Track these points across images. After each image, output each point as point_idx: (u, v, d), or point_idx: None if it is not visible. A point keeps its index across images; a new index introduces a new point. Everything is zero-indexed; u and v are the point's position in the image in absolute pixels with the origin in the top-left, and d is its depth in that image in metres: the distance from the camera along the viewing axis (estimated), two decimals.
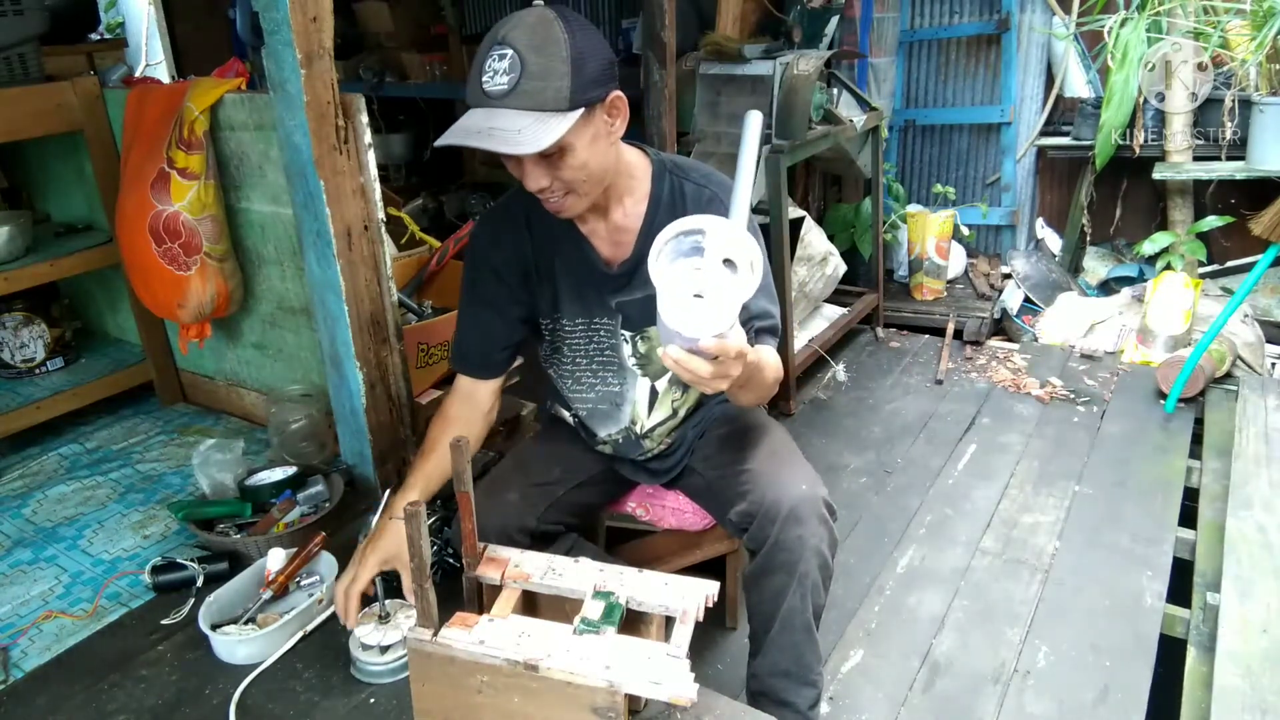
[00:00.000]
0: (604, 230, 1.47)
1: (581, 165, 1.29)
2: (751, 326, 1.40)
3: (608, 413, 1.60)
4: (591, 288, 1.50)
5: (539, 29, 1.21)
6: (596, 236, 1.48)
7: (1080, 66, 3.72)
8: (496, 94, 1.20)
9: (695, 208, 1.41)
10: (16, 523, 2.30)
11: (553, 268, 1.51)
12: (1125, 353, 3.17)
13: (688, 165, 1.48)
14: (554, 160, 1.27)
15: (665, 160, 1.48)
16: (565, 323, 1.54)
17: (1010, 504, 2.32)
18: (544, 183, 1.29)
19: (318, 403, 2.44)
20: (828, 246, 3.12)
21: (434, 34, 4.86)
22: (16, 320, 2.77)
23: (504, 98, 1.20)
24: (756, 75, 2.80)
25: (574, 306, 1.52)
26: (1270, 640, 1.71)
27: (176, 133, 2.28)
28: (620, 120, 1.34)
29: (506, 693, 1.09)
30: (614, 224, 1.46)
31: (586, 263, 1.48)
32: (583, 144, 1.27)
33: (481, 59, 1.22)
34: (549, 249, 1.50)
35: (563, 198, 1.33)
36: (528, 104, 1.20)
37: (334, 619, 1.87)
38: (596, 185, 1.35)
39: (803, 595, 1.39)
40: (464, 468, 1.17)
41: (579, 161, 1.28)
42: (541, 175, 1.28)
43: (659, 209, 1.43)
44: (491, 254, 1.53)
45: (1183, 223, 3.52)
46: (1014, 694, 1.70)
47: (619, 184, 1.42)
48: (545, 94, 1.20)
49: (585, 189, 1.33)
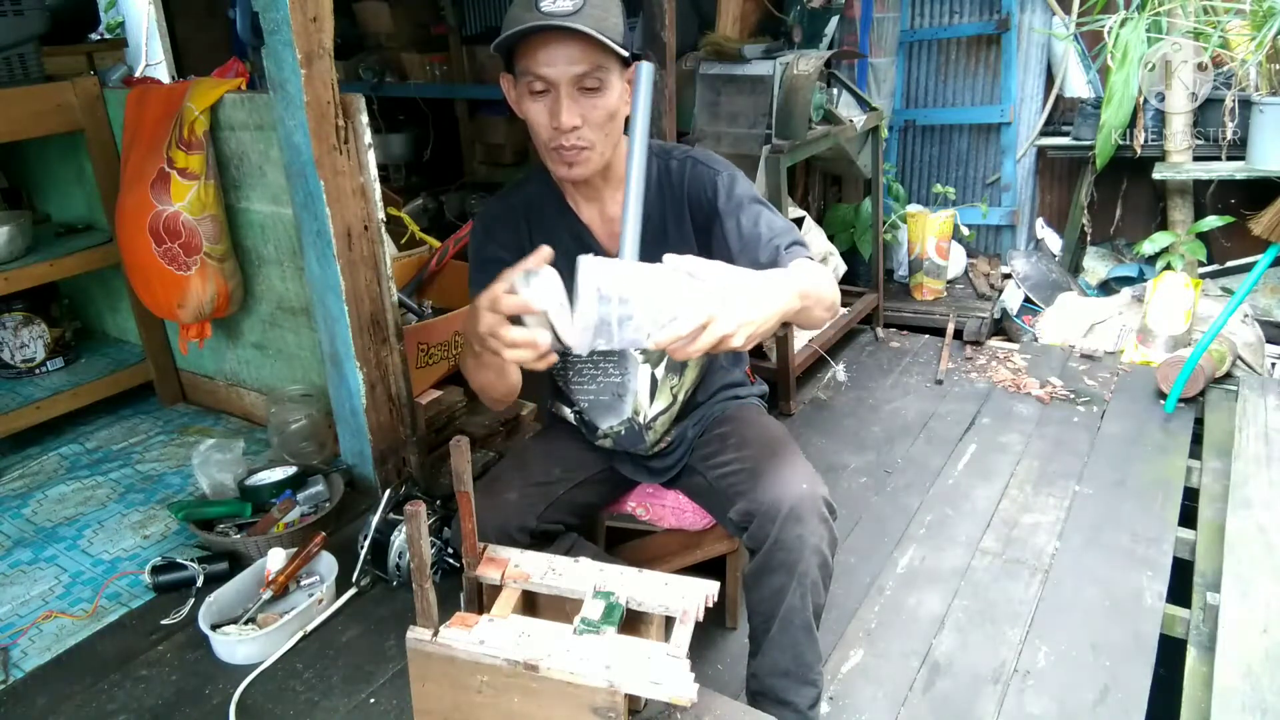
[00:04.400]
0: (599, 220, 1.50)
1: (611, 112, 1.34)
2: (774, 245, 1.37)
3: (610, 404, 1.60)
4: None
5: None
6: (594, 226, 1.51)
7: (1080, 66, 3.72)
8: (561, 12, 1.25)
9: (679, 185, 1.46)
10: (16, 523, 2.30)
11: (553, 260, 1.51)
12: (1125, 353, 3.17)
13: (670, 145, 1.52)
14: (592, 98, 1.31)
15: (652, 144, 1.50)
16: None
17: (1010, 504, 2.32)
18: (576, 120, 1.32)
19: (318, 403, 2.44)
20: (828, 246, 3.12)
21: (434, 34, 4.86)
22: (16, 320, 2.77)
23: (569, 16, 1.25)
24: (756, 75, 2.80)
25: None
26: (1270, 640, 1.71)
27: (176, 133, 2.28)
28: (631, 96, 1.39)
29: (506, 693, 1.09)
30: (609, 214, 1.49)
31: (586, 252, 1.48)
32: (616, 91, 1.33)
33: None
34: (547, 241, 1.50)
35: (582, 149, 1.36)
36: (592, 24, 1.26)
37: (334, 619, 1.87)
38: (611, 143, 1.39)
39: (802, 594, 1.39)
40: (464, 468, 1.16)
41: (611, 105, 1.33)
42: (575, 113, 1.32)
43: (649, 190, 1.45)
44: (493, 242, 1.54)
45: (1183, 223, 3.52)
46: (1014, 694, 1.70)
47: (616, 169, 1.45)
48: (607, 21, 1.28)
49: (603, 145, 1.37)
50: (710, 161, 1.47)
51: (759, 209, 1.43)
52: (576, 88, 1.30)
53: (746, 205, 1.43)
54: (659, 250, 1.40)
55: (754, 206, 1.43)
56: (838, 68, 3.22)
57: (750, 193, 1.45)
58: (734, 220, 1.42)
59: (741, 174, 1.48)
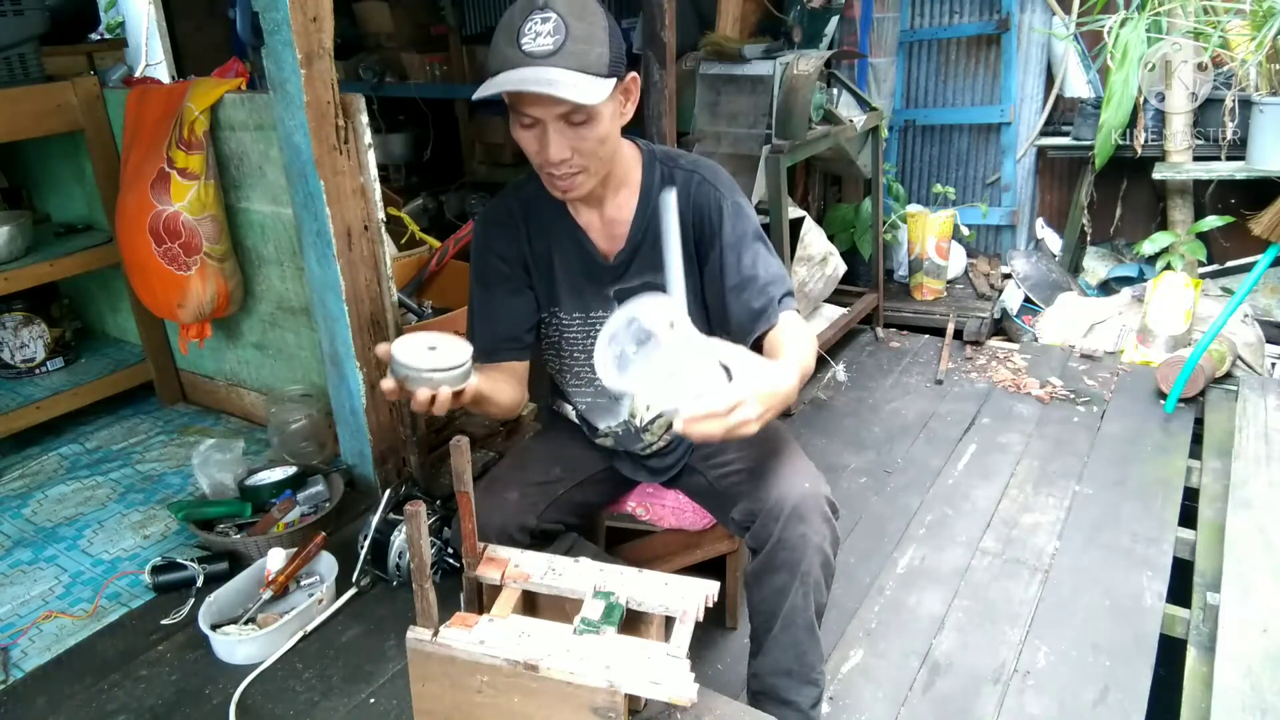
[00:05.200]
0: (599, 223, 1.49)
1: (603, 138, 1.31)
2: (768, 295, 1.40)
3: (606, 407, 1.61)
4: (589, 281, 1.50)
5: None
6: (593, 229, 1.49)
7: (1080, 66, 3.72)
8: (541, 54, 1.23)
9: (685, 196, 1.43)
10: (17, 523, 2.30)
11: (550, 263, 1.51)
12: (1125, 353, 3.17)
13: (675, 153, 1.51)
14: (580, 129, 1.29)
15: (655, 150, 1.49)
16: (563, 317, 1.54)
17: (1010, 504, 2.32)
18: (565, 153, 1.30)
19: (318, 403, 2.44)
20: (828, 246, 3.11)
21: (434, 34, 4.86)
22: (16, 320, 2.77)
23: (549, 57, 1.22)
24: (756, 75, 2.80)
25: (571, 302, 1.52)
26: (1270, 640, 1.71)
27: (176, 133, 2.28)
28: (631, 103, 1.37)
29: (506, 693, 1.09)
30: (608, 217, 1.48)
31: (584, 256, 1.49)
32: (608, 115, 1.30)
33: (518, 23, 1.24)
34: (545, 244, 1.51)
35: (574, 175, 1.34)
36: (573, 64, 1.23)
37: (334, 619, 1.88)
38: (605, 165, 1.37)
39: (805, 594, 1.39)
40: (464, 467, 1.16)
41: (602, 132, 1.30)
42: (564, 145, 1.30)
43: (650, 198, 1.45)
44: (492, 246, 1.54)
45: (1183, 223, 3.52)
46: (1014, 694, 1.70)
47: (617, 173, 1.44)
48: (589, 56, 1.24)
49: (596, 167, 1.35)
50: (716, 181, 1.45)
51: (758, 248, 1.43)
52: (564, 121, 1.28)
53: (749, 242, 1.43)
54: (655, 260, 1.40)
55: (755, 245, 1.43)
56: (838, 68, 3.22)
57: (753, 227, 1.45)
58: (735, 255, 1.42)
59: (744, 199, 1.47)
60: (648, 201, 1.45)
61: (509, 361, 1.54)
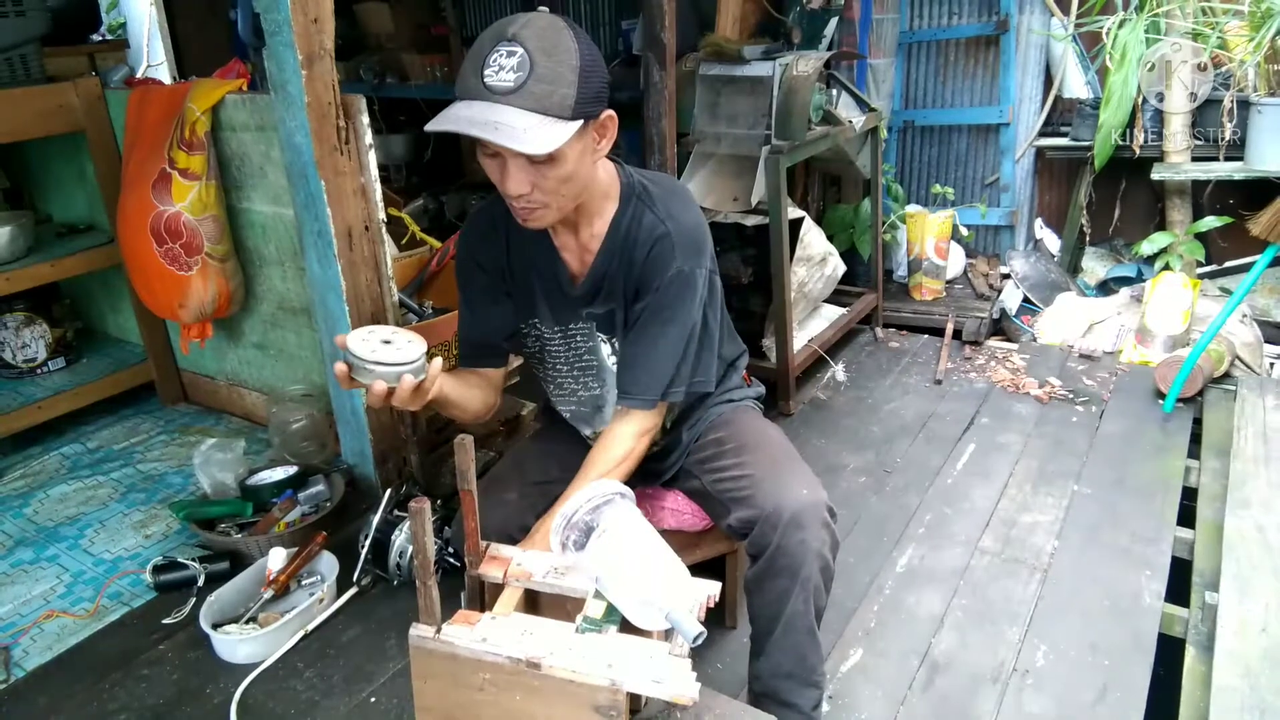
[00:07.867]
0: (574, 244, 1.47)
1: (566, 177, 1.28)
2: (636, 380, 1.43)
3: (590, 415, 1.62)
4: (563, 297, 1.51)
5: (549, 34, 1.20)
6: (567, 250, 1.48)
7: (1079, 67, 3.73)
8: (501, 90, 1.18)
9: (644, 247, 1.40)
10: (18, 522, 2.31)
11: (528, 275, 1.51)
12: (1124, 353, 3.18)
13: (655, 193, 1.44)
14: (541, 167, 1.25)
15: (635, 183, 1.45)
16: (544, 329, 1.55)
17: (1009, 503, 2.32)
18: (525, 189, 1.27)
19: (318, 402, 2.45)
20: (827, 247, 3.12)
21: (434, 34, 4.87)
22: (18, 320, 2.78)
23: (508, 95, 1.18)
24: (756, 76, 2.81)
25: (550, 315, 1.53)
26: (1269, 640, 1.71)
27: (178, 133, 2.28)
28: (607, 141, 1.33)
29: (508, 690, 1.09)
30: (582, 242, 1.46)
31: (555, 276, 1.49)
32: (573, 155, 1.26)
33: (484, 53, 1.20)
34: (524, 257, 1.51)
35: (534, 210, 1.31)
36: (532, 105, 1.19)
37: (335, 618, 1.88)
38: (571, 201, 1.34)
39: (805, 598, 1.39)
40: (468, 466, 1.17)
41: (565, 172, 1.27)
42: (524, 181, 1.26)
43: (618, 235, 1.43)
44: (474, 254, 1.55)
45: (1181, 223, 3.53)
46: (1013, 693, 1.71)
47: (591, 204, 1.41)
48: (551, 98, 1.19)
49: (560, 203, 1.32)
50: (680, 246, 1.40)
51: (671, 333, 1.42)
52: (524, 158, 1.22)
53: (666, 322, 1.41)
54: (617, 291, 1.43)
55: (668, 328, 1.41)
56: (837, 68, 3.23)
57: (685, 308, 1.42)
58: (646, 321, 1.42)
59: (703, 271, 1.43)
60: (615, 235, 1.43)
61: (484, 368, 1.57)
